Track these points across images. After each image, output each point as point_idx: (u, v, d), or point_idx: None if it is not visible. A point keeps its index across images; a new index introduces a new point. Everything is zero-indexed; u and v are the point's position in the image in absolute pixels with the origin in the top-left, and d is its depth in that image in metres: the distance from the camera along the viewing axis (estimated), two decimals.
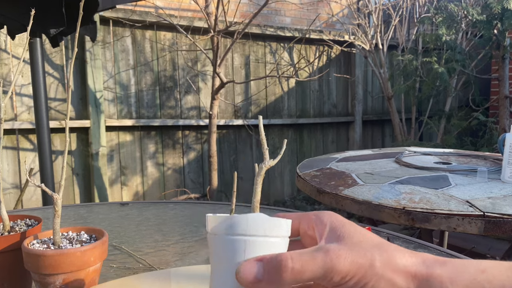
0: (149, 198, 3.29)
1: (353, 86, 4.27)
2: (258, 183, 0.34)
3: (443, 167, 1.41)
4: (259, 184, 0.34)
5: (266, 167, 0.35)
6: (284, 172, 3.97)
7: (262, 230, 0.31)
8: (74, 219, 0.95)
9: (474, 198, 1.05)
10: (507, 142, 1.16)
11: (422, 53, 4.10)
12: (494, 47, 3.44)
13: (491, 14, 3.21)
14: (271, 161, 0.35)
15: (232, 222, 0.31)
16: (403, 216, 1.01)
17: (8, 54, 2.72)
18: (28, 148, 2.82)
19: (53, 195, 0.51)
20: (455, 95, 4.28)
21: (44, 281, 0.48)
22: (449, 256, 0.70)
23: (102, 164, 3.01)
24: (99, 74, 2.96)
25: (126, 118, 3.16)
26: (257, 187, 0.34)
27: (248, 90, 3.71)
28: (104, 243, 0.51)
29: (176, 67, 3.34)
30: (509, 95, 3.52)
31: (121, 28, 3.10)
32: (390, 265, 0.29)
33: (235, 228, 0.31)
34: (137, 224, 0.90)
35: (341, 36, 4.08)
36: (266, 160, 0.35)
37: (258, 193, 0.34)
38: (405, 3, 4.22)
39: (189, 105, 3.43)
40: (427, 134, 4.76)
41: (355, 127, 4.31)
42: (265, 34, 3.67)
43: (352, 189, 1.18)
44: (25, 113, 2.80)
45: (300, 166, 1.57)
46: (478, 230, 0.95)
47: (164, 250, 0.75)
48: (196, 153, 3.49)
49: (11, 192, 2.78)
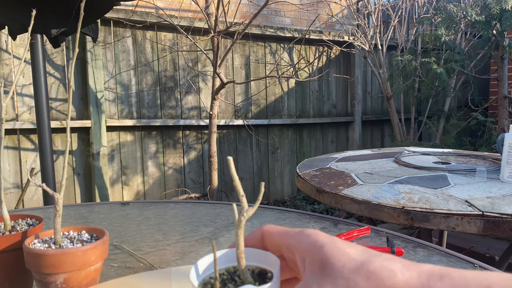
0: (149, 198, 3.30)
1: (352, 86, 4.27)
2: (239, 235, 0.31)
3: (442, 167, 1.42)
4: (240, 236, 0.31)
5: (245, 218, 0.31)
6: (284, 172, 3.98)
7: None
8: (75, 218, 0.96)
9: (473, 198, 1.05)
10: (506, 142, 1.16)
11: (421, 53, 4.11)
12: (493, 47, 3.44)
13: (490, 15, 3.22)
14: (250, 209, 0.31)
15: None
16: (402, 216, 1.02)
17: (9, 55, 2.73)
18: (29, 148, 2.82)
19: (54, 195, 0.51)
20: (454, 95, 4.28)
21: (45, 281, 0.48)
22: (449, 255, 0.71)
23: (103, 164, 3.01)
24: (100, 74, 2.97)
25: (127, 118, 3.17)
26: (239, 239, 0.31)
27: (248, 90, 3.72)
28: (105, 243, 0.52)
29: (176, 67, 3.35)
30: (508, 95, 3.52)
31: (122, 28, 3.11)
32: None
33: None
34: (138, 224, 0.91)
35: (340, 37, 4.08)
36: (244, 210, 0.31)
37: (241, 245, 0.31)
38: (404, 4, 4.22)
39: (190, 105, 3.43)
40: (426, 134, 4.76)
41: (355, 127, 4.31)
42: (265, 34, 3.67)
43: (351, 188, 1.19)
44: (26, 113, 2.80)
45: (300, 166, 1.57)
46: (477, 230, 0.95)
47: (164, 249, 0.75)
48: (196, 153, 3.50)
49: (12, 191, 2.78)
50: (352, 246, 0.28)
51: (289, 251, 0.31)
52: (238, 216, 0.31)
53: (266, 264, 0.33)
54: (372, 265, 0.26)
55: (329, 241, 0.29)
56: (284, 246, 0.32)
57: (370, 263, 0.26)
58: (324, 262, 0.28)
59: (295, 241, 0.31)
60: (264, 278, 0.32)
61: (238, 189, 0.30)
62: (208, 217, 0.96)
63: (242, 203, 0.31)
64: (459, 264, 0.67)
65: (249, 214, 0.31)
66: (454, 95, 4.32)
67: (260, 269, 0.33)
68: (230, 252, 0.33)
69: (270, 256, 0.32)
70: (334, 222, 0.89)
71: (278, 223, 0.89)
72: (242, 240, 0.31)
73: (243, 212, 0.31)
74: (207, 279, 0.32)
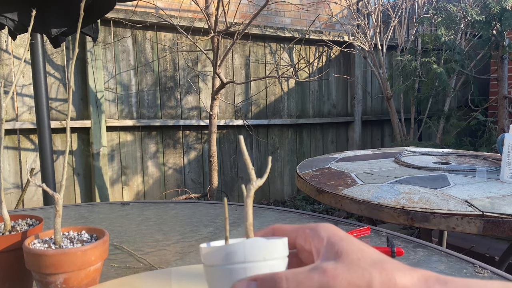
0: (149, 198, 3.30)
1: (352, 86, 4.28)
2: (248, 205, 0.31)
3: (442, 167, 1.42)
4: (249, 206, 0.31)
5: (254, 187, 0.32)
6: (284, 172, 3.98)
7: (260, 255, 0.30)
8: (75, 218, 0.96)
9: (473, 198, 1.05)
10: (506, 142, 1.16)
11: (421, 54, 4.11)
12: (493, 47, 3.44)
13: (490, 15, 3.22)
14: (258, 180, 0.32)
15: (229, 251, 0.30)
16: (402, 216, 1.02)
17: (9, 55, 2.73)
18: (29, 148, 2.83)
19: (54, 195, 0.51)
20: (454, 95, 4.28)
21: (45, 281, 0.48)
22: (449, 255, 0.71)
23: (103, 164, 3.01)
24: (100, 75, 2.97)
25: (127, 118, 3.17)
26: (248, 209, 0.31)
27: (248, 91, 3.72)
28: (105, 243, 0.52)
29: (176, 67, 3.35)
30: (508, 95, 3.52)
31: (122, 28, 3.11)
32: (389, 285, 0.27)
33: (233, 257, 0.29)
34: (138, 224, 0.91)
35: (340, 37, 4.08)
36: (253, 180, 0.32)
37: (250, 216, 0.31)
38: (404, 4, 4.23)
39: (190, 105, 3.43)
40: (426, 134, 4.76)
41: (355, 127, 4.31)
42: (265, 34, 3.67)
43: (351, 188, 1.19)
44: (26, 113, 2.80)
45: (299, 166, 1.57)
46: (477, 230, 0.95)
47: (164, 249, 0.75)
48: (196, 153, 3.50)
49: (12, 192, 2.78)
50: (368, 246, 0.30)
51: (306, 242, 0.32)
52: (247, 185, 0.33)
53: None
54: (386, 264, 0.28)
55: (346, 237, 0.30)
56: (300, 238, 0.33)
57: (384, 262, 0.28)
58: (340, 253, 0.29)
59: (313, 232, 0.32)
60: None
61: (248, 163, 0.33)
62: (208, 217, 0.96)
63: (251, 175, 0.33)
64: (459, 264, 0.67)
65: (258, 184, 0.32)
66: (454, 95, 4.32)
67: None
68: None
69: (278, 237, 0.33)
70: (334, 222, 0.89)
71: (278, 223, 0.89)
72: (251, 211, 0.32)
73: (252, 182, 0.32)
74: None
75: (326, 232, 0.31)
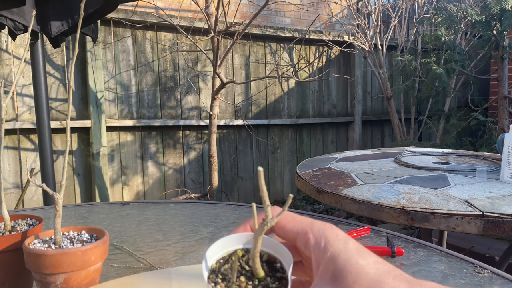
0: (149, 198, 3.30)
1: (352, 86, 4.27)
2: (258, 239, 0.31)
3: (442, 167, 1.42)
4: (259, 241, 0.31)
5: (268, 226, 0.30)
6: (284, 172, 3.98)
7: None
8: (75, 218, 0.96)
9: (473, 198, 1.05)
10: (506, 142, 1.16)
11: (421, 54, 4.11)
12: (493, 47, 3.44)
13: (490, 15, 3.22)
14: (274, 218, 0.31)
15: None
16: (402, 216, 1.02)
17: (9, 55, 2.73)
18: (29, 148, 2.83)
19: (54, 195, 0.51)
20: (454, 95, 4.28)
21: (45, 281, 0.48)
22: (449, 255, 0.71)
23: (103, 164, 3.01)
24: (100, 75, 2.97)
25: (127, 118, 3.17)
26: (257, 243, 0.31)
27: (248, 91, 3.72)
28: (104, 243, 0.52)
29: (176, 67, 3.35)
30: (508, 95, 3.52)
31: (122, 28, 3.11)
32: None
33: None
34: (138, 224, 0.91)
35: (340, 37, 4.08)
36: (268, 218, 0.30)
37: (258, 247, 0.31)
38: (404, 4, 4.22)
39: (190, 105, 3.43)
40: (426, 134, 4.76)
41: (355, 127, 4.31)
42: (265, 34, 3.67)
43: (351, 188, 1.19)
44: (26, 113, 2.80)
45: (300, 166, 1.57)
46: (477, 230, 0.95)
47: (164, 249, 0.75)
48: (196, 153, 3.50)
49: (12, 192, 2.78)
50: (365, 257, 0.29)
51: (306, 248, 0.32)
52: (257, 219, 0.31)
53: (275, 253, 0.33)
54: (384, 285, 0.27)
55: (343, 249, 0.29)
56: (300, 242, 0.32)
57: (383, 283, 0.27)
58: (336, 275, 0.28)
59: (314, 241, 0.31)
60: (273, 268, 0.33)
61: (265, 199, 0.30)
62: (208, 217, 0.96)
63: (266, 212, 0.31)
64: (459, 264, 0.67)
65: (272, 223, 0.30)
66: (454, 95, 4.32)
67: (268, 256, 0.33)
68: (243, 234, 0.34)
69: (282, 248, 0.33)
70: (334, 222, 0.89)
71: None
72: (260, 244, 0.31)
73: (267, 220, 0.30)
74: (214, 265, 0.33)
75: (326, 244, 0.30)
